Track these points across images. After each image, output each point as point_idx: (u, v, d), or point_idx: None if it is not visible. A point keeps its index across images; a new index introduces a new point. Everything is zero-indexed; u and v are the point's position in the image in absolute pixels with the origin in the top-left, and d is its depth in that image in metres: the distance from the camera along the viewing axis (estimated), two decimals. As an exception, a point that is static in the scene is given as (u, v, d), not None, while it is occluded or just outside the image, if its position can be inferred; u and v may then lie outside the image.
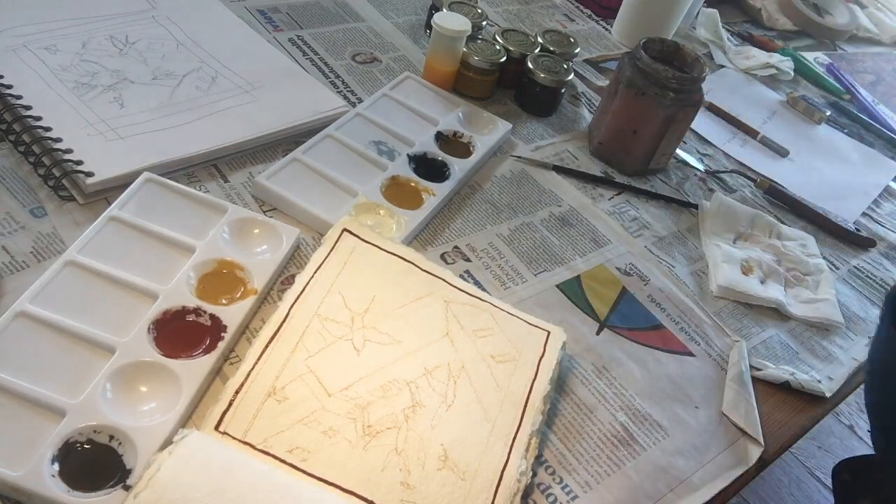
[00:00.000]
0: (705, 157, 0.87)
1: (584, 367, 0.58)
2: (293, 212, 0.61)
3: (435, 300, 0.55)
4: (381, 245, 0.57)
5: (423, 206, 0.64)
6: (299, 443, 0.45)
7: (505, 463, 0.47)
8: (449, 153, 0.70)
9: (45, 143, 0.57)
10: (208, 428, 0.44)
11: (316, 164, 0.64)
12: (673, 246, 0.72)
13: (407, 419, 0.48)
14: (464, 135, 0.73)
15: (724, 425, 0.57)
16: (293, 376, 0.48)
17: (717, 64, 1.08)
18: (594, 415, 0.55)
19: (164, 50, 0.71)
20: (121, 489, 0.41)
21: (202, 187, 0.61)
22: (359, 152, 0.67)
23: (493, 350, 0.53)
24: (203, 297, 0.51)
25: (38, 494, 0.40)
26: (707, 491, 0.52)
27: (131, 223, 0.54)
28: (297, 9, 0.86)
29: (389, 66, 0.82)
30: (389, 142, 0.70)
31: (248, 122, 0.65)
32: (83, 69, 0.66)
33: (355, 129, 0.69)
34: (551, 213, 0.71)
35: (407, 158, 0.68)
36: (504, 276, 0.63)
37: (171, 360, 0.47)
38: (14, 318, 0.47)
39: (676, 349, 0.62)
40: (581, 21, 1.07)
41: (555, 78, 0.80)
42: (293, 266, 0.58)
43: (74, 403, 0.43)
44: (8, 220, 0.54)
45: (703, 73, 0.75)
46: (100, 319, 0.48)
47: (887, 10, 1.45)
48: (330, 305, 0.52)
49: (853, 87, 1.14)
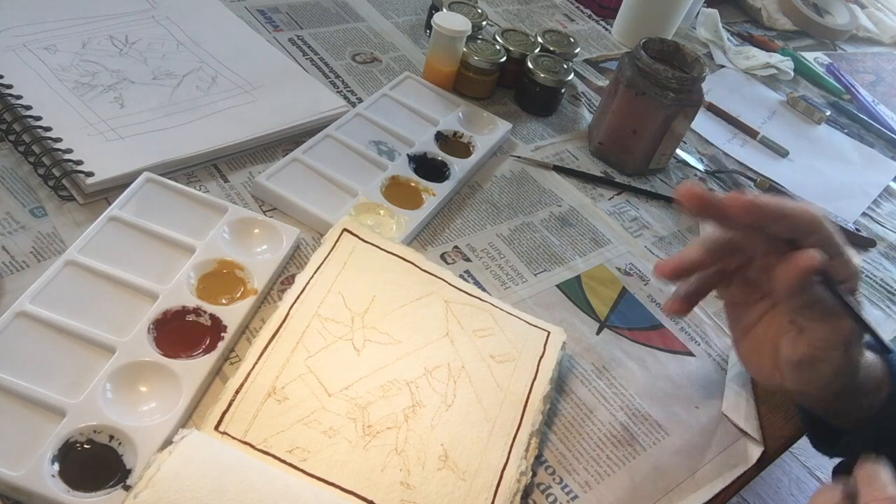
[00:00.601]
0: (705, 157, 0.87)
1: (584, 367, 0.58)
2: (293, 212, 0.61)
3: (435, 300, 0.55)
4: (381, 245, 0.57)
5: (423, 206, 0.64)
6: (299, 443, 0.45)
7: (505, 463, 0.47)
8: (449, 153, 0.70)
9: (45, 143, 0.57)
10: (208, 428, 0.44)
11: (316, 164, 0.64)
12: (673, 246, 0.72)
13: (407, 419, 0.48)
14: (464, 135, 0.73)
15: (724, 425, 0.57)
16: (293, 376, 0.48)
17: (717, 64, 1.08)
18: (594, 415, 0.55)
19: (164, 50, 0.71)
20: (121, 489, 0.41)
21: (202, 187, 0.61)
22: (359, 152, 0.67)
23: (493, 350, 0.53)
24: (203, 297, 0.51)
25: (38, 494, 0.40)
26: (707, 491, 0.52)
27: (131, 223, 0.54)
28: (297, 9, 0.86)
29: (389, 66, 0.82)
30: (389, 142, 0.70)
31: (248, 122, 0.65)
32: (83, 69, 0.66)
33: (355, 129, 0.69)
34: (551, 213, 0.71)
35: (407, 158, 0.68)
36: (504, 276, 0.63)
37: (171, 360, 0.47)
38: (14, 318, 0.47)
39: (676, 349, 0.62)
40: (581, 21, 1.07)
41: (555, 78, 0.80)
42: (293, 266, 0.58)
43: (74, 403, 0.43)
44: (8, 220, 0.54)
45: (703, 73, 0.75)
46: (100, 319, 0.48)
47: (887, 10, 1.45)
48: (330, 305, 0.52)
49: (853, 87, 1.14)
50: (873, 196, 0.92)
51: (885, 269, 0.80)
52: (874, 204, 0.91)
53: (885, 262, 0.81)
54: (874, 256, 0.82)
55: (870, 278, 0.78)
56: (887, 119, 1.10)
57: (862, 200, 0.90)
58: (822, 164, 0.95)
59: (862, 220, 0.86)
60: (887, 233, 0.86)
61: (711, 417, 0.57)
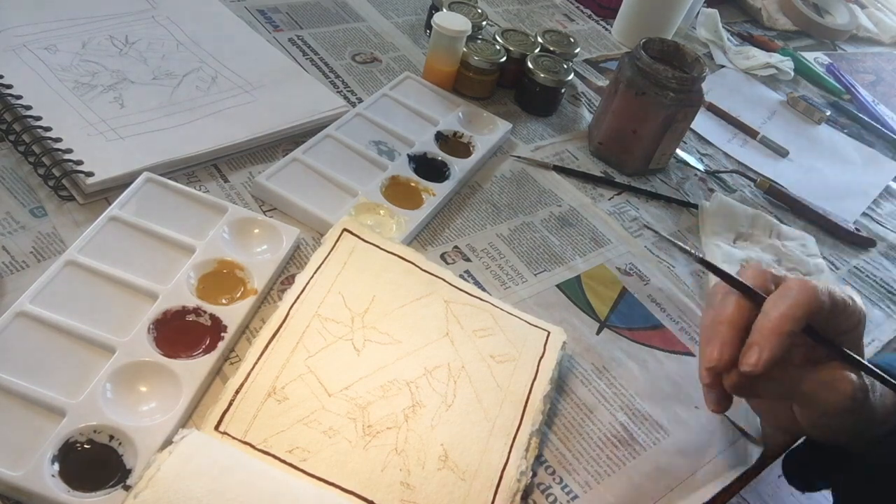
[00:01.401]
0: (705, 157, 0.87)
1: (584, 367, 0.58)
2: (293, 212, 0.61)
3: (435, 300, 0.55)
4: (381, 245, 0.57)
5: (423, 206, 0.64)
6: (299, 443, 0.45)
7: (505, 463, 0.47)
8: (449, 153, 0.70)
9: (45, 143, 0.57)
10: (208, 428, 0.44)
11: (316, 163, 0.64)
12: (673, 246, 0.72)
13: (407, 419, 0.48)
14: (464, 135, 0.73)
15: (724, 425, 0.57)
16: (293, 376, 0.48)
17: (717, 64, 1.08)
18: (594, 415, 0.55)
19: (164, 50, 0.71)
20: (121, 489, 0.41)
21: (202, 187, 0.61)
22: (359, 152, 0.67)
23: (494, 350, 0.53)
24: (203, 297, 0.51)
25: (38, 494, 0.40)
26: (707, 491, 0.52)
27: (131, 223, 0.54)
28: (297, 9, 0.86)
29: (389, 66, 0.82)
30: (389, 142, 0.70)
31: (248, 122, 0.65)
32: (83, 69, 0.66)
33: (355, 129, 0.69)
34: (551, 213, 0.71)
35: (407, 158, 0.68)
36: (504, 276, 0.63)
37: (171, 360, 0.47)
38: (14, 318, 0.47)
39: (676, 349, 0.62)
40: (581, 21, 1.07)
41: (555, 78, 0.80)
42: (293, 266, 0.58)
43: (74, 403, 0.43)
44: (8, 220, 0.54)
45: (703, 73, 0.75)
46: (100, 319, 0.48)
47: (887, 10, 1.45)
48: (330, 305, 0.52)
49: (853, 87, 1.14)
50: (873, 196, 0.92)
51: (886, 269, 0.80)
52: (874, 204, 0.91)
53: (885, 262, 0.81)
54: (874, 256, 0.82)
55: (870, 278, 0.78)
56: (887, 119, 1.10)
57: (862, 200, 0.90)
58: (822, 164, 0.95)
59: (862, 220, 0.86)
60: (887, 233, 0.86)
61: (711, 417, 0.57)
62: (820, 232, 0.81)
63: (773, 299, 0.45)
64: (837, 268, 0.78)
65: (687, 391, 0.59)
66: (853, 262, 0.80)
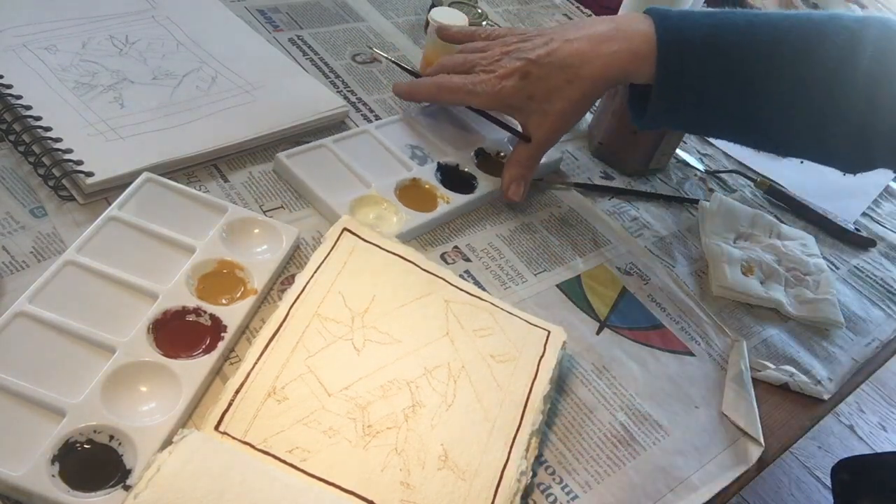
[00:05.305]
0: (705, 157, 0.87)
1: (584, 366, 0.58)
2: (303, 191, 0.62)
3: (435, 300, 0.55)
4: (381, 244, 0.58)
5: (434, 210, 0.64)
6: (299, 443, 0.45)
7: (505, 463, 0.47)
8: (484, 171, 0.70)
9: (45, 143, 0.57)
10: (208, 428, 0.44)
11: (341, 153, 0.65)
12: (673, 246, 0.72)
13: (407, 419, 0.48)
14: (507, 155, 0.72)
15: (724, 425, 0.57)
16: (293, 376, 0.48)
17: (717, 64, 1.08)
18: (594, 415, 0.55)
19: (164, 50, 0.71)
20: (121, 489, 0.41)
21: (202, 187, 0.61)
22: (391, 151, 0.68)
23: (494, 350, 0.53)
24: (203, 297, 0.51)
25: (38, 494, 0.40)
26: (707, 491, 0.52)
27: (131, 223, 0.54)
28: (297, 9, 0.86)
29: (390, 67, 0.82)
30: (426, 148, 0.70)
31: (248, 122, 0.65)
32: (83, 69, 0.66)
33: (396, 131, 0.71)
34: (551, 214, 0.71)
35: (436, 165, 0.68)
36: (504, 276, 0.63)
37: (171, 360, 0.47)
38: (14, 318, 0.47)
39: (676, 349, 0.62)
40: (581, 21, 1.07)
41: (555, 78, 0.80)
42: (293, 266, 0.58)
43: (74, 403, 0.43)
44: (8, 220, 0.54)
45: (703, 72, 0.75)
46: (100, 319, 0.48)
47: (887, 11, 1.45)
48: (330, 305, 0.52)
49: (853, 86, 1.14)
50: (873, 196, 0.92)
51: (886, 269, 0.80)
52: (874, 204, 0.90)
53: (885, 262, 0.81)
54: (874, 256, 0.82)
55: (870, 278, 0.78)
56: (887, 119, 1.10)
57: (862, 200, 0.90)
58: (822, 163, 0.95)
59: (862, 220, 0.86)
60: (887, 233, 0.86)
61: (711, 417, 0.57)
62: (820, 232, 0.81)
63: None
64: (837, 268, 0.78)
65: (687, 391, 0.59)
66: (853, 261, 0.80)
